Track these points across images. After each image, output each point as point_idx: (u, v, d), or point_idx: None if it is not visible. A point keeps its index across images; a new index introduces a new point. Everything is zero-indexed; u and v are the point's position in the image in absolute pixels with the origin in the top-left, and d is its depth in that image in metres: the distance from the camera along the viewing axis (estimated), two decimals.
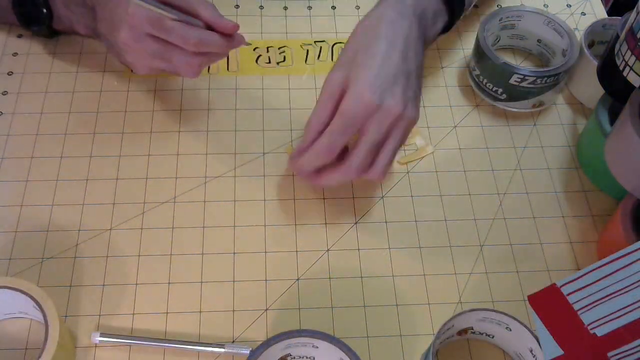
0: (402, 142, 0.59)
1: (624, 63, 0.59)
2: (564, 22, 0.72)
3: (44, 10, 0.69)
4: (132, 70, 0.72)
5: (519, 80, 0.69)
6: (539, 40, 0.75)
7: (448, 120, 0.72)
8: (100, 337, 0.56)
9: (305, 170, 0.60)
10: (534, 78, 0.68)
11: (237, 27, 0.62)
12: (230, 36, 0.63)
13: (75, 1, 0.67)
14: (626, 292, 0.45)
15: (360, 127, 0.57)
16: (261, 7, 0.80)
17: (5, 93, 0.71)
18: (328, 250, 0.63)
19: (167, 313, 0.58)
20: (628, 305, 0.45)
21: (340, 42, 0.77)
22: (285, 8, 0.80)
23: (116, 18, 0.61)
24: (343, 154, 0.59)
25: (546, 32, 0.74)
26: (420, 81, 0.61)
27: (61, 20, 0.70)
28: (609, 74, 0.63)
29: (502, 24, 0.74)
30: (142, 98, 0.71)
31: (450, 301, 0.60)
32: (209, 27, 0.62)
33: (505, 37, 0.76)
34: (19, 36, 0.75)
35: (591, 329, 0.46)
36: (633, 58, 0.58)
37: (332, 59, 0.76)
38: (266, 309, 0.59)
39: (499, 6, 0.79)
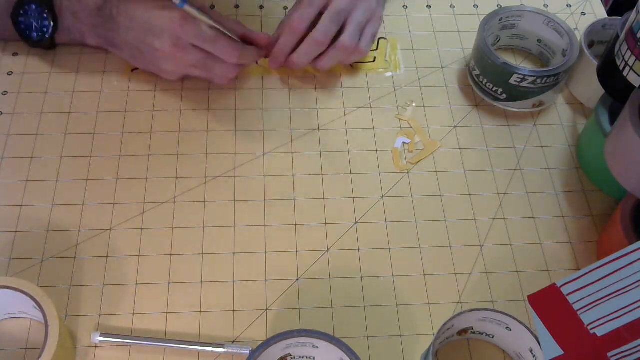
0: (365, 23, 0.69)
1: (624, 63, 0.59)
2: (564, 22, 0.72)
3: (50, 22, 0.68)
4: (132, 70, 0.72)
5: (519, 80, 0.69)
6: (539, 40, 0.75)
7: (448, 120, 0.72)
8: (100, 337, 0.56)
9: (302, 62, 0.68)
10: (534, 78, 0.68)
11: (269, 38, 0.69)
12: (260, 46, 0.69)
13: (87, 12, 0.67)
14: (626, 292, 0.45)
15: (325, 5, 0.67)
16: (261, 7, 0.80)
17: (5, 93, 0.71)
18: (328, 250, 0.63)
19: (167, 313, 0.58)
20: (628, 305, 0.45)
21: None
22: (285, 8, 0.80)
23: (155, 28, 0.63)
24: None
25: (546, 32, 0.74)
26: None
27: (69, 31, 0.70)
28: (609, 74, 0.63)
29: (502, 24, 0.74)
30: (142, 98, 0.71)
31: (450, 301, 0.60)
32: (242, 39, 0.68)
33: (505, 37, 0.76)
34: None
35: (591, 329, 0.46)
36: (633, 58, 0.58)
37: None
38: (266, 309, 0.59)
39: (499, 6, 0.79)
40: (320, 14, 0.67)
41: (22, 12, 0.68)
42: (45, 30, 0.69)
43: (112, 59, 0.74)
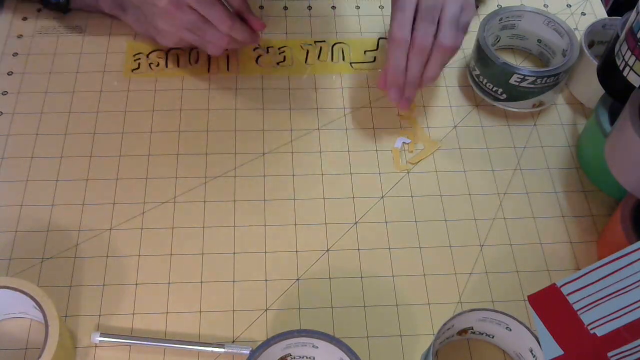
0: (457, 12, 0.64)
1: (624, 63, 0.59)
2: (564, 22, 0.72)
3: None
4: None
5: (519, 80, 0.69)
6: (539, 40, 0.75)
7: (448, 120, 0.72)
8: (100, 337, 0.56)
9: (415, 76, 0.65)
10: (534, 78, 0.68)
11: (264, 26, 0.70)
12: (255, 31, 0.69)
13: None
14: (626, 292, 0.45)
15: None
16: (261, 7, 0.80)
17: (5, 93, 0.71)
18: (328, 250, 0.63)
19: (167, 313, 0.58)
20: (628, 305, 0.45)
21: (340, 42, 0.77)
22: (285, 8, 0.80)
23: None
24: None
25: (546, 32, 0.74)
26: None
27: None
28: (609, 74, 0.63)
29: (502, 24, 0.74)
30: (142, 98, 0.71)
31: (450, 301, 0.60)
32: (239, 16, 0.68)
33: (505, 37, 0.76)
34: (19, 36, 0.75)
35: (591, 329, 0.46)
36: (633, 58, 0.58)
37: (331, 59, 0.76)
38: (266, 309, 0.59)
39: (499, 6, 0.79)
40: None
41: None
42: None
43: (112, 59, 0.74)
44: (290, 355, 0.53)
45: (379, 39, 0.78)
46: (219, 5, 0.65)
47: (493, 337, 0.57)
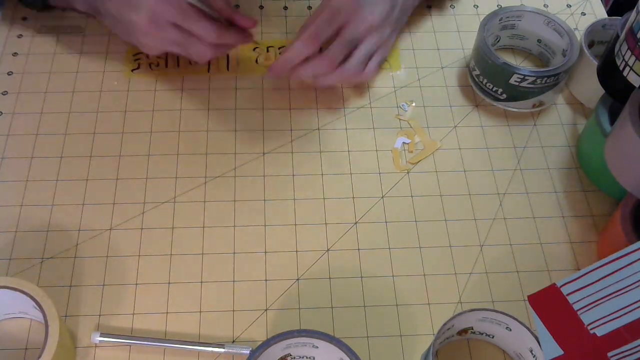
0: (373, 52, 0.68)
1: (624, 63, 0.59)
2: (564, 22, 0.72)
3: None
4: (134, 63, 0.72)
5: (519, 80, 0.69)
6: (539, 40, 0.75)
7: (448, 120, 0.72)
8: (100, 337, 0.56)
9: (289, 61, 0.66)
10: (534, 78, 0.68)
11: (255, 23, 0.68)
12: (244, 30, 0.67)
13: None
14: (626, 292, 0.45)
15: (341, 26, 0.66)
16: (261, 7, 0.80)
17: (5, 93, 0.71)
18: (328, 250, 0.63)
19: (167, 313, 0.58)
20: (628, 305, 0.45)
21: None
22: (285, 8, 0.80)
23: (135, 1, 0.62)
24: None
25: (546, 32, 0.74)
26: (404, 13, 0.73)
27: None
28: (609, 74, 0.63)
29: (502, 24, 0.74)
30: (142, 98, 0.71)
31: (450, 301, 0.60)
32: (227, 20, 0.67)
33: (505, 37, 0.76)
34: (19, 36, 0.75)
35: (591, 329, 0.46)
36: (633, 58, 0.58)
37: None
38: (266, 309, 0.59)
39: (499, 6, 0.79)
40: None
41: None
42: None
43: (112, 59, 0.74)
44: (290, 355, 0.53)
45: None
46: (201, 17, 0.63)
47: (493, 337, 0.57)
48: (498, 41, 0.76)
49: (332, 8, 0.66)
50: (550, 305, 0.48)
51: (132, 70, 0.73)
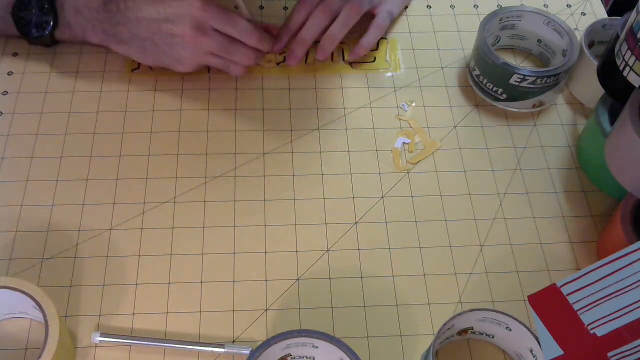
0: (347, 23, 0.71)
1: (624, 63, 0.59)
2: (564, 22, 0.72)
3: (50, 17, 0.68)
4: (131, 70, 0.72)
5: (519, 80, 0.69)
6: (539, 40, 0.75)
7: (448, 120, 0.72)
8: (100, 337, 0.56)
9: (293, 29, 0.72)
10: (534, 78, 0.68)
11: (276, 28, 0.72)
12: (274, 36, 0.70)
13: (91, 7, 0.66)
14: (626, 292, 0.45)
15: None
16: (261, 7, 0.80)
17: (5, 93, 0.71)
18: (328, 250, 0.63)
19: (167, 313, 0.58)
20: (628, 305, 0.45)
21: (340, 42, 0.77)
22: (285, 8, 0.80)
23: (172, 14, 0.63)
24: None
25: (546, 32, 0.74)
26: None
27: (70, 27, 0.69)
28: (609, 74, 0.63)
29: (502, 24, 0.74)
30: (142, 98, 0.71)
31: (450, 301, 0.60)
32: None
33: (505, 37, 0.76)
34: (19, 36, 0.75)
35: (591, 329, 0.46)
36: (633, 58, 0.58)
37: (331, 59, 0.76)
38: (266, 309, 0.59)
39: (499, 6, 0.79)
40: None
41: (22, 7, 0.68)
42: (45, 25, 0.68)
43: (112, 59, 0.74)
44: (290, 355, 0.53)
45: (379, 39, 0.78)
46: (242, 20, 0.65)
47: (493, 337, 0.57)
48: (498, 41, 0.76)
49: None
50: (550, 305, 0.48)
51: (132, 70, 0.73)
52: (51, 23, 0.68)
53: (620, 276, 0.45)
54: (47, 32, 0.69)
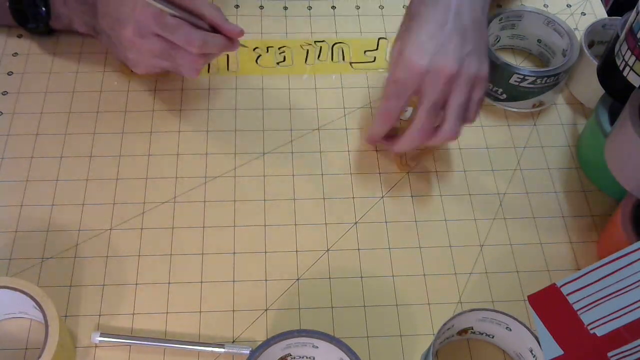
0: (469, 97, 0.60)
1: (624, 63, 0.59)
2: (564, 22, 0.72)
3: (43, 9, 0.69)
4: (131, 70, 0.72)
5: (519, 80, 0.69)
6: (539, 40, 0.75)
7: None
8: (100, 337, 0.56)
9: (374, 137, 0.65)
10: (534, 78, 0.68)
11: (242, 32, 0.64)
12: (232, 38, 0.64)
13: None
14: (626, 292, 0.45)
15: (417, 91, 0.59)
16: (261, 7, 0.80)
17: (5, 93, 0.71)
18: (328, 250, 0.63)
19: (167, 313, 0.58)
20: (628, 305, 0.45)
21: (340, 42, 0.77)
22: (285, 8, 0.80)
23: (122, 15, 0.62)
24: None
25: (546, 32, 0.74)
26: (481, 34, 0.61)
27: (60, 18, 0.70)
28: (609, 74, 0.63)
29: (502, 24, 0.74)
30: (142, 98, 0.71)
31: (450, 301, 0.60)
32: (213, 29, 0.63)
33: (505, 37, 0.76)
34: (19, 36, 0.75)
35: (591, 329, 0.46)
36: (633, 58, 0.58)
37: (332, 59, 0.76)
38: (266, 309, 0.59)
39: (499, 6, 0.79)
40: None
41: None
42: (39, 17, 0.70)
43: (112, 59, 0.74)
44: (290, 355, 0.53)
45: (379, 39, 0.78)
46: (184, 26, 0.61)
47: (493, 337, 0.57)
48: (498, 41, 0.76)
49: (395, 81, 0.60)
50: (550, 305, 0.48)
51: (132, 70, 0.73)
52: (44, 14, 0.70)
53: (620, 276, 0.45)
54: (42, 24, 0.71)
